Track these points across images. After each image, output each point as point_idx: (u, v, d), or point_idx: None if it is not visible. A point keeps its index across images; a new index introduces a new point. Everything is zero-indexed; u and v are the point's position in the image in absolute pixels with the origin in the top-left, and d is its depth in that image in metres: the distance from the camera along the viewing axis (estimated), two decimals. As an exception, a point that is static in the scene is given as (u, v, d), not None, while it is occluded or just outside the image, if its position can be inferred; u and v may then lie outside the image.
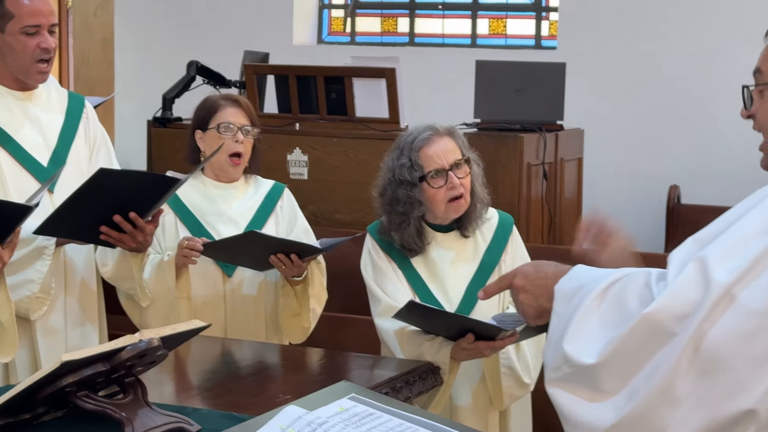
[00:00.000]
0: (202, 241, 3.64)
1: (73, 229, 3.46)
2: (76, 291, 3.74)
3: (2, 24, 3.59)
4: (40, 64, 3.62)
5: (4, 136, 3.63)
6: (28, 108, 3.71)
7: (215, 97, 3.99)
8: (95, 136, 3.85)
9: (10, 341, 3.34)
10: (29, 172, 3.63)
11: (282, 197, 3.96)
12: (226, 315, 3.77)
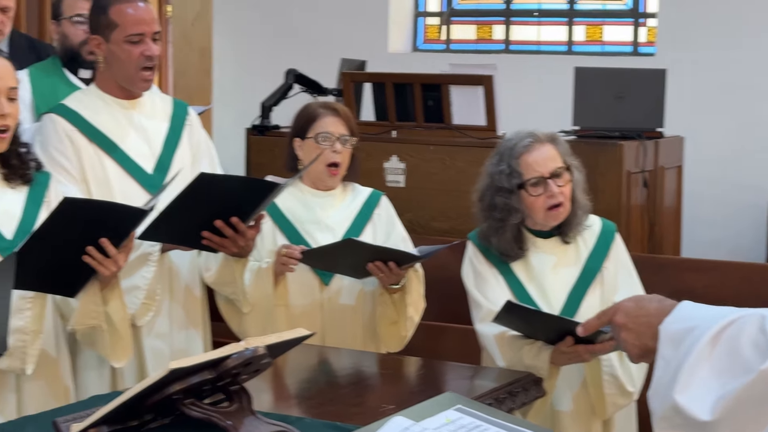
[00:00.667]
0: (300, 249, 3.65)
1: (176, 234, 3.49)
2: (181, 297, 3.77)
3: (107, 33, 3.64)
4: (144, 71, 3.66)
5: (111, 145, 3.67)
6: (133, 116, 3.75)
7: (314, 105, 3.99)
8: (198, 142, 3.88)
9: (123, 346, 3.37)
10: (135, 180, 3.67)
11: (379, 205, 3.96)
12: (323, 323, 3.77)
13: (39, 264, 3.06)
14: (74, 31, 4.48)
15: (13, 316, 2.86)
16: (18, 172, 3.33)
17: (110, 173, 3.65)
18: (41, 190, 3.38)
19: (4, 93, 3.23)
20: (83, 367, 3.56)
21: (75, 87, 4.40)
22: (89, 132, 3.66)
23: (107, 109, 3.71)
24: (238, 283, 3.65)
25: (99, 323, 3.27)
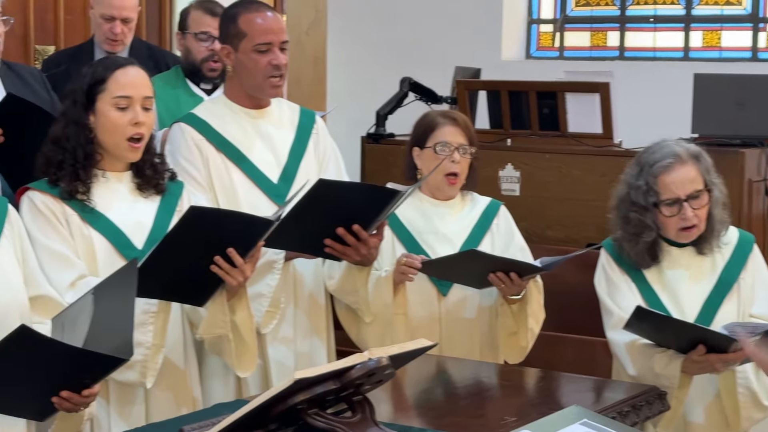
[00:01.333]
0: (421, 259, 3.63)
1: (298, 242, 3.50)
2: (305, 305, 3.78)
3: (236, 43, 3.67)
4: (273, 79, 3.68)
5: (238, 154, 3.70)
6: (261, 125, 3.77)
7: (434, 114, 3.98)
8: (325, 150, 3.89)
9: (249, 356, 3.38)
10: (261, 189, 3.69)
11: (498, 215, 3.93)
12: (441, 333, 3.75)
13: (168, 272, 3.10)
14: (197, 47, 4.55)
15: (136, 329, 2.90)
16: (152, 182, 3.37)
17: (236, 182, 3.68)
18: (174, 200, 3.42)
19: (139, 102, 3.28)
20: (209, 375, 3.59)
21: (198, 97, 4.48)
22: (217, 141, 3.70)
23: (235, 118, 3.75)
24: (361, 292, 3.65)
25: (226, 333, 3.29)
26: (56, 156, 3.27)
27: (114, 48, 4.91)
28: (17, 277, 2.95)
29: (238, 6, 3.76)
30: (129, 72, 3.31)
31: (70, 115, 3.30)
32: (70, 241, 3.23)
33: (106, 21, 4.88)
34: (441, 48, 7.36)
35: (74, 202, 3.25)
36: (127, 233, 3.30)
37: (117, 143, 3.28)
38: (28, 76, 4.13)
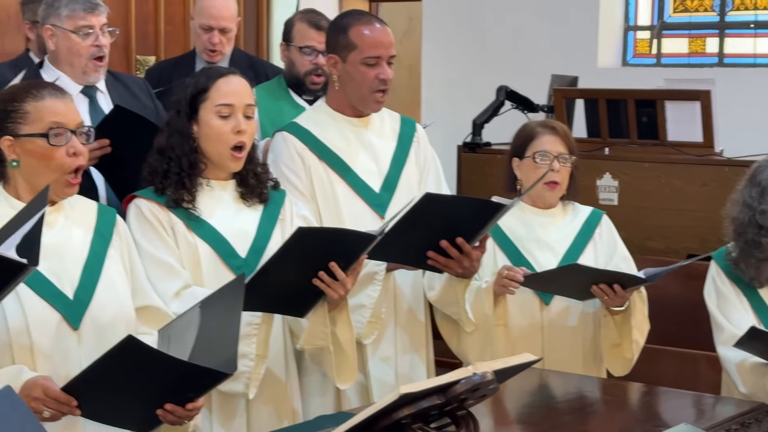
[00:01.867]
0: (522, 272, 3.60)
1: (401, 254, 3.49)
2: (405, 320, 3.77)
3: (344, 54, 3.67)
4: (377, 94, 3.68)
5: (341, 164, 3.71)
6: (363, 134, 3.77)
7: (533, 124, 3.96)
8: (425, 159, 3.88)
9: (350, 367, 3.37)
10: (362, 199, 3.69)
11: (600, 224, 3.89)
12: (543, 344, 3.72)
13: (272, 287, 3.12)
14: (301, 60, 4.57)
15: (240, 341, 2.91)
16: (255, 191, 3.38)
17: (338, 191, 3.68)
18: (276, 209, 3.43)
19: (241, 110, 3.30)
20: (309, 387, 3.59)
21: (300, 107, 4.49)
22: (319, 150, 3.71)
23: (337, 127, 3.75)
24: (462, 303, 3.62)
25: (327, 344, 3.29)
26: (161, 165, 3.30)
27: (213, 58, 4.96)
28: (125, 288, 2.98)
29: (349, 17, 3.77)
30: (231, 81, 3.32)
31: (174, 125, 3.33)
32: (175, 249, 3.25)
33: (205, 31, 4.94)
34: (537, 55, 7.31)
35: (180, 210, 3.28)
36: (231, 241, 3.31)
37: (220, 152, 3.30)
38: (133, 86, 4.19)
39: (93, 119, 3.87)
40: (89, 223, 2.99)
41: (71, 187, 2.89)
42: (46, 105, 2.85)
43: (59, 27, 3.90)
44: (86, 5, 3.90)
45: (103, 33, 3.94)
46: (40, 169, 2.84)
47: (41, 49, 4.39)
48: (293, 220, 3.45)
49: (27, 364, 2.73)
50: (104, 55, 3.95)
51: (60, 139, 2.83)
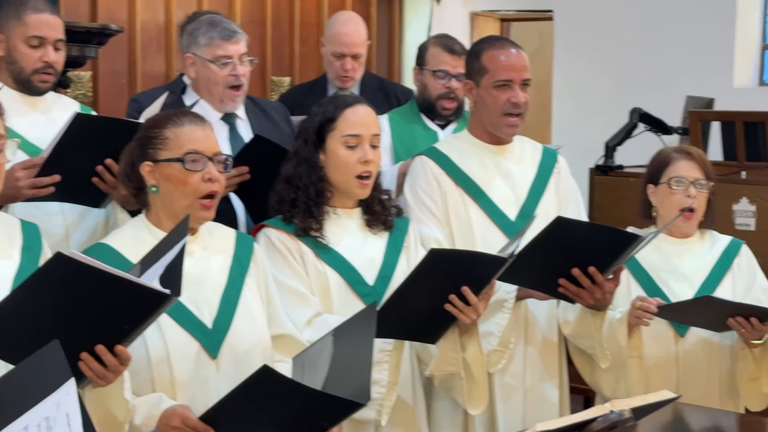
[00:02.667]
0: (656, 303, 3.55)
1: (531, 279, 3.46)
2: (537, 345, 3.75)
3: (478, 78, 3.68)
4: (509, 117, 3.67)
5: (477, 191, 3.71)
6: (501, 162, 3.77)
7: (668, 150, 3.90)
8: (566, 190, 3.85)
9: (480, 393, 3.35)
10: (497, 226, 3.69)
11: (740, 254, 3.82)
12: (677, 377, 3.66)
13: (404, 314, 3.12)
14: (434, 83, 4.58)
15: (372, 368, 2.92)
16: (380, 218, 3.41)
17: (473, 217, 3.68)
18: (401, 236, 3.45)
19: (368, 140, 3.32)
20: (437, 413, 3.59)
21: (433, 132, 4.51)
22: (456, 175, 3.72)
23: (476, 153, 3.76)
24: (596, 336, 3.58)
25: (457, 370, 3.29)
26: (289, 194, 3.35)
27: (345, 84, 5.02)
28: (261, 316, 3.02)
29: (484, 42, 3.79)
30: (358, 110, 3.35)
31: (301, 154, 3.37)
32: (305, 277, 3.29)
33: (336, 58, 5.00)
34: (671, 76, 7.22)
35: (308, 238, 3.31)
36: (359, 269, 3.34)
37: (347, 180, 3.33)
38: (271, 111, 4.23)
39: (233, 146, 3.93)
40: (227, 251, 3.04)
41: (205, 210, 2.94)
42: (185, 131, 2.92)
43: (198, 56, 3.96)
44: (224, 33, 3.95)
45: (241, 62, 3.97)
46: (176, 193, 2.90)
47: None
48: (417, 248, 3.47)
49: (166, 393, 2.79)
50: (241, 84, 3.97)
51: (196, 165, 2.89)
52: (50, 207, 3.49)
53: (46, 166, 3.30)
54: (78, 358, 2.45)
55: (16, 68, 3.56)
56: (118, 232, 3.01)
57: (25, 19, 3.54)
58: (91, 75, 5.67)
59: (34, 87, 3.59)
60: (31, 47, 3.55)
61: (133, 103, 4.50)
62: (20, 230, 2.81)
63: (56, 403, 1.91)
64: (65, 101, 3.79)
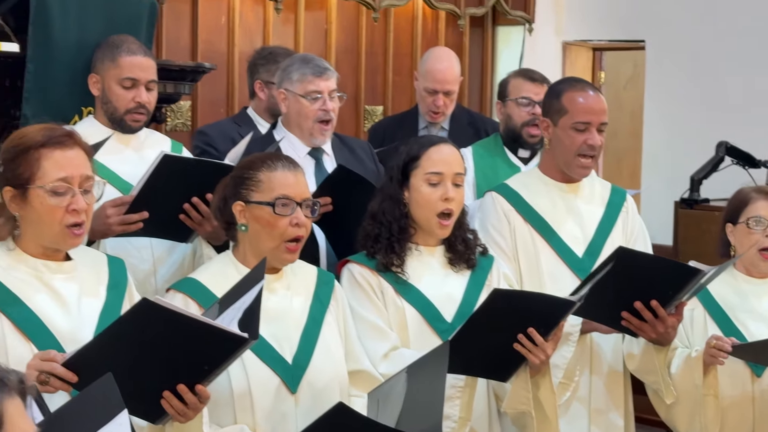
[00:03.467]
0: (731, 342, 3.59)
1: (596, 312, 3.51)
2: (603, 376, 3.80)
3: (556, 118, 3.77)
4: (583, 158, 3.76)
5: (546, 227, 3.79)
6: (571, 200, 3.85)
7: (747, 190, 3.93)
8: (633, 230, 3.91)
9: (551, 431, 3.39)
10: (565, 263, 3.76)
11: (818, 297, 3.82)
12: (754, 417, 3.67)
13: (473, 350, 3.20)
14: (518, 112, 4.66)
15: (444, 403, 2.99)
16: (463, 257, 3.48)
17: (541, 254, 3.77)
18: (483, 275, 3.51)
19: (450, 178, 3.40)
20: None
21: (515, 167, 4.60)
22: (526, 212, 3.81)
23: (546, 190, 3.84)
24: (660, 372, 3.61)
25: (528, 409, 3.33)
26: (374, 230, 3.44)
27: (436, 119, 5.15)
28: (339, 352, 3.13)
29: (564, 83, 3.88)
30: (442, 149, 3.44)
31: (386, 191, 3.47)
32: (384, 312, 3.38)
33: (429, 94, 5.13)
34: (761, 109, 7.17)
35: (389, 274, 3.40)
36: (438, 306, 3.42)
37: (428, 219, 3.42)
38: (358, 149, 4.36)
39: (318, 180, 4.05)
40: (309, 289, 3.16)
41: (290, 254, 3.07)
42: (277, 176, 3.05)
43: (290, 91, 4.12)
44: (316, 70, 4.10)
45: (331, 98, 4.11)
46: (264, 235, 3.03)
47: (268, 108, 4.64)
48: (501, 285, 3.51)
49: (247, 425, 2.92)
50: (330, 119, 4.12)
51: (285, 210, 3.02)
52: (140, 241, 3.66)
53: (135, 203, 3.46)
54: (161, 395, 2.59)
55: (110, 108, 3.74)
56: (206, 268, 3.16)
57: (119, 61, 3.72)
58: (190, 104, 5.88)
59: (126, 126, 3.76)
60: (124, 88, 3.72)
61: (200, 135, 4.69)
62: (107, 267, 2.95)
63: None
64: (157, 138, 3.96)
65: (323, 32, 6.55)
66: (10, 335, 2.69)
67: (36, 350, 2.66)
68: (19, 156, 2.74)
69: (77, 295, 2.80)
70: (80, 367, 2.55)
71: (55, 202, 2.72)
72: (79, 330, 2.74)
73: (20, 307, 2.72)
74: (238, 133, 4.52)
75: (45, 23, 3.75)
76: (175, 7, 5.78)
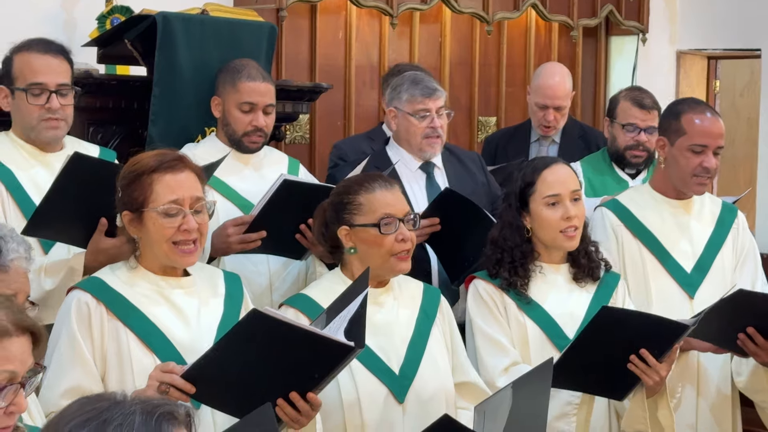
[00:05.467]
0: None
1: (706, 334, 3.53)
2: (711, 397, 3.83)
3: (673, 138, 3.80)
4: (699, 178, 3.80)
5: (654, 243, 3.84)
6: (681, 216, 3.89)
7: None
8: (743, 246, 3.93)
9: None
10: (673, 278, 3.79)
11: None
12: None
13: (583, 368, 3.25)
14: (623, 136, 4.69)
15: (559, 420, 3.06)
16: (587, 271, 3.55)
17: (649, 268, 3.81)
18: (608, 292, 3.56)
19: (568, 197, 3.48)
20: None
21: (623, 182, 4.66)
22: (635, 227, 3.86)
23: (656, 207, 3.89)
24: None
25: (645, 429, 3.35)
26: (495, 255, 3.53)
27: (547, 133, 5.26)
28: (446, 364, 3.24)
29: (684, 104, 3.92)
30: (555, 170, 3.51)
31: (505, 218, 3.56)
32: (506, 329, 3.46)
33: (540, 109, 5.24)
34: None
35: (513, 292, 3.49)
36: (560, 323, 3.48)
37: (554, 237, 3.49)
38: (468, 161, 4.48)
39: (429, 194, 4.21)
40: (415, 302, 3.28)
41: (403, 262, 3.19)
42: (377, 197, 3.18)
43: (400, 109, 4.28)
44: (425, 91, 4.25)
45: (438, 115, 4.26)
46: (372, 254, 3.17)
47: None
48: (626, 304, 3.57)
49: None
50: (439, 135, 4.26)
51: (389, 228, 3.15)
52: (257, 257, 3.84)
53: (254, 223, 3.65)
54: (274, 403, 2.72)
55: (229, 130, 3.93)
56: (317, 284, 3.31)
57: (239, 86, 3.90)
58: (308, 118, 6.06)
59: (244, 147, 3.94)
60: (243, 112, 3.90)
61: (335, 149, 4.90)
62: (223, 281, 3.11)
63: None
64: (276, 156, 4.14)
65: (438, 45, 6.66)
66: (135, 347, 2.88)
67: (158, 361, 2.84)
68: (134, 181, 2.90)
69: (196, 309, 2.97)
70: (197, 378, 2.70)
71: (167, 223, 2.87)
72: (199, 341, 2.90)
73: (143, 320, 2.90)
74: (370, 147, 4.69)
75: (170, 48, 3.96)
76: (294, 24, 5.95)
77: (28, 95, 3.49)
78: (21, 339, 2.05)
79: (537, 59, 6.89)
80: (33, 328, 2.09)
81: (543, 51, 7.08)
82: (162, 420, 1.57)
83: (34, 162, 3.57)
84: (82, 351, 2.83)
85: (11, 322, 2.04)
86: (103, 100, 3.77)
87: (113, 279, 2.95)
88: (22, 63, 3.51)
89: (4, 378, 2.01)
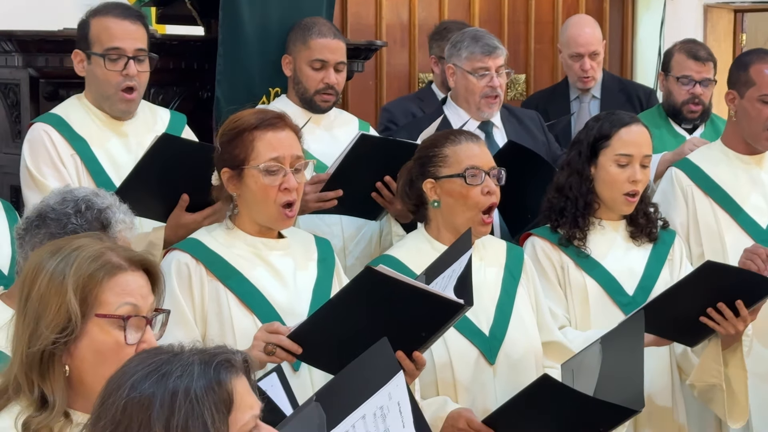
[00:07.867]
0: None
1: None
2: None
3: (743, 90, 3.81)
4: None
5: (728, 200, 3.83)
6: (754, 172, 3.89)
7: None
8: None
9: (741, 408, 3.41)
10: (749, 235, 3.80)
11: None
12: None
13: (669, 315, 3.24)
14: (678, 90, 4.64)
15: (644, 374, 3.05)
16: (644, 230, 3.53)
17: (723, 226, 3.81)
18: (665, 249, 3.56)
19: (639, 160, 3.44)
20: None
21: (681, 137, 4.61)
22: (707, 186, 3.85)
23: (728, 163, 3.89)
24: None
25: (719, 382, 3.36)
26: (559, 203, 3.50)
27: (587, 84, 5.18)
28: (533, 324, 3.22)
29: (753, 54, 3.91)
30: (633, 130, 3.47)
31: (573, 165, 3.51)
32: (558, 291, 3.44)
33: (574, 60, 5.16)
34: None
35: (571, 248, 3.47)
36: (619, 279, 3.47)
37: (614, 198, 3.47)
38: (526, 120, 4.44)
39: (488, 154, 4.17)
40: (500, 262, 3.25)
41: (485, 226, 3.16)
42: (463, 148, 3.15)
43: (459, 67, 4.22)
44: (485, 48, 4.20)
45: (498, 74, 4.21)
46: (458, 207, 3.13)
47: (444, 83, 4.73)
48: (683, 262, 3.56)
49: (449, 395, 3.03)
50: (497, 95, 4.21)
51: (476, 179, 3.12)
52: (331, 218, 3.80)
53: (330, 181, 3.60)
54: None
55: (300, 88, 3.89)
56: (402, 245, 3.27)
57: (310, 43, 3.86)
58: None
59: (316, 106, 3.90)
60: (314, 69, 3.86)
61: (384, 112, 4.85)
62: (315, 245, 3.09)
63: (388, 394, 2.13)
64: (346, 117, 4.11)
65: (467, 3, 6.61)
66: (235, 308, 2.86)
67: (258, 322, 2.83)
68: (234, 138, 2.88)
69: (293, 270, 2.95)
70: (304, 339, 2.69)
71: (268, 181, 2.85)
72: (296, 303, 2.89)
73: (243, 281, 2.88)
74: (420, 108, 4.64)
75: (234, 8, 3.90)
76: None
77: (106, 60, 3.43)
78: (136, 275, 2.03)
79: (565, 15, 6.80)
80: (146, 263, 2.06)
81: (570, 6, 7.02)
82: (220, 368, 1.60)
83: (108, 132, 3.53)
84: (183, 311, 2.81)
85: (123, 258, 2.02)
86: (164, 61, 3.71)
87: (210, 240, 2.92)
88: (99, 27, 3.45)
89: (126, 311, 1.99)
